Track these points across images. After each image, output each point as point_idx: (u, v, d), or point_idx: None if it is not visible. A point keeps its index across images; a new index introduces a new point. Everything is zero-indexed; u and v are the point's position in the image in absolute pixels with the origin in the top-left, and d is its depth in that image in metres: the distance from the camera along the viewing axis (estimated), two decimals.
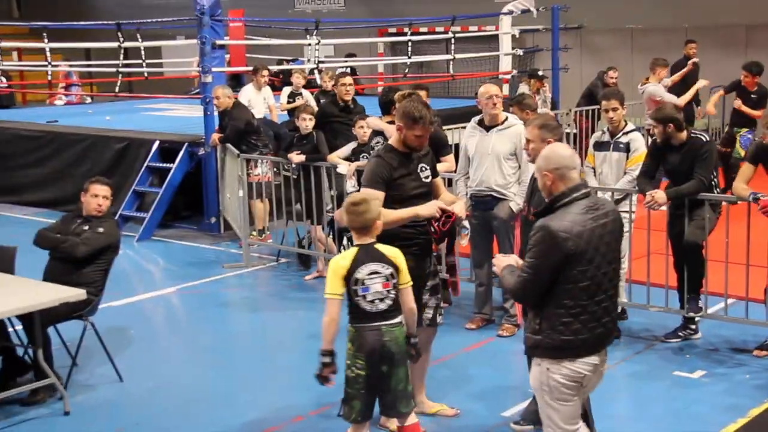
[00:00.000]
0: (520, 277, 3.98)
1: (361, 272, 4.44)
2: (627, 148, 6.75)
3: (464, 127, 7.35)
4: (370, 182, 5.07)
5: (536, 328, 4.01)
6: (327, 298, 4.44)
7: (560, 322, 3.92)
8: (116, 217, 9.73)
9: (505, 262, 4.16)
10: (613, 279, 4.01)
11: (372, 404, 4.58)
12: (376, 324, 4.48)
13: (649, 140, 7.59)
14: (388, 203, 5.02)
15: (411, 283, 4.58)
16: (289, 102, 11.85)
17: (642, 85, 11.63)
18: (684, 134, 6.49)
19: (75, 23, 16.27)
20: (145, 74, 14.04)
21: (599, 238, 3.92)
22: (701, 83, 12.13)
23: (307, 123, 8.74)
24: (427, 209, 5.03)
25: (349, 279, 4.43)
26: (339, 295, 4.43)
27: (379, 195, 4.98)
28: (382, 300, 4.47)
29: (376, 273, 4.46)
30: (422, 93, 8.16)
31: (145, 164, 11.11)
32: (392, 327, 4.51)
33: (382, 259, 4.49)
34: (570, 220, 3.87)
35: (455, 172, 7.22)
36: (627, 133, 6.81)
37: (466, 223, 6.21)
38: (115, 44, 12.95)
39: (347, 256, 4.49)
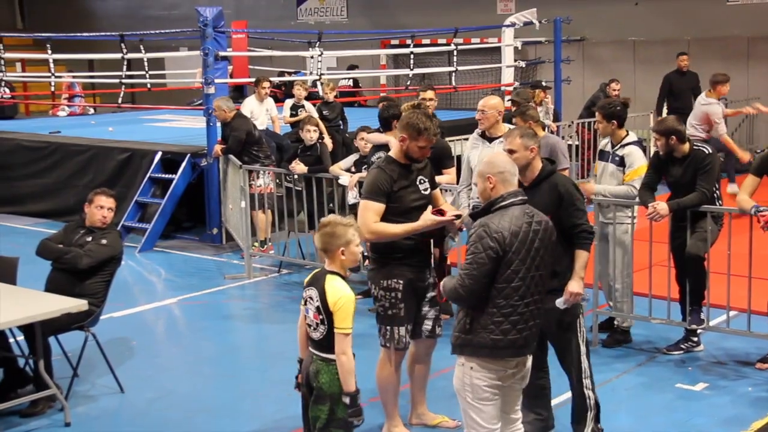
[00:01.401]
0: (460, 277, 4.12)
1: (306, 293, 4.37)
2: (623, 162, 6.73)
3: (466, 139, 7.35)
4: (370, 194, 5.07)
5: (467, 327, 4.14)
6: None
7: (491, 321, 4.08)
8: (118, 228, 9.77)
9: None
10: (540, 286, 4.17)
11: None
12: (311, 349, 4.37)
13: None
14: (388, 215, 5.04)
15: (346, 332, 4.20)
16: (291, 114, 11.87)
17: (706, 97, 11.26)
18: (686, 146, 6.49)
19: (78, 35, 16.30)
20: (148, 85, 14.08)
21: (531, 242, 4.12)
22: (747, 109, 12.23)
23: (311, 134, 8.75)
24: (422, 223, 5.03)
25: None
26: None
27: (379, 208, 5.00)
28: (314, 329, 4.31)
29: (311, 299, 4.33)
30: (430, 93, 8.22)
31: (148, 175, 11.12)
32: (321, 360, 4.30)
33: (322, 292, 4.27)
34: (507, 221, 4.09)
35: (457, 184, 7.23)
36: (624, 146, 6.77)
37: (457, 239, 6.20)
38: (118, 55, 12.99)
39: (311, 274, 4.42)
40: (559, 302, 4.93)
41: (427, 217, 5.02)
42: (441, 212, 5.07)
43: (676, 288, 6.68)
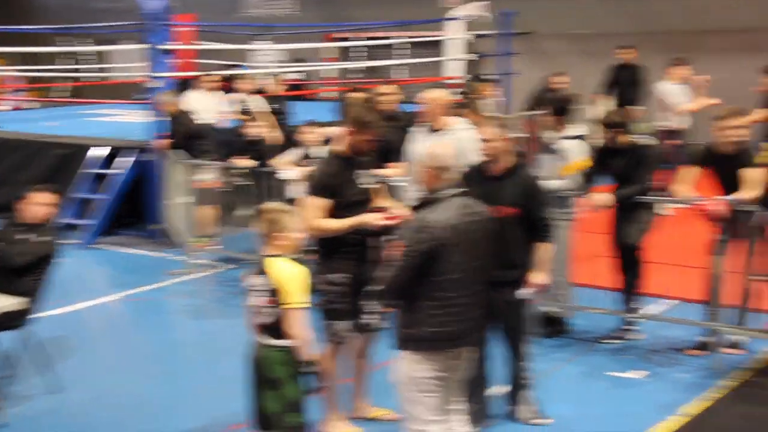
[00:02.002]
0: (394, 267, 4.12)
1: (249, 282, 4.41)
2: (562, 156, 6.79)
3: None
4: (314, 189, 5.07)
5: (406, 321, 4.16)
6: None
7: (429, 314, 4.09)
8: (58, 225, 9.60)
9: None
10: (478, 278, 4.19)
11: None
12: (260, 340, 4.42)
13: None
14: (333, 210, 5.03)
15: (299, 305, 4.25)
16: (237, 108, 11.75)
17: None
18: (628, 138, 6.58)
19: (21, 27, 16.00)
20: (92, 79, 13.87)
21: (470, 234, 4.13)
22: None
23: (256, 129, 8.69)
24: (364, 220, 5.04)
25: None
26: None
27: (323, 203, 4.99)
28: (265, 315, 4.34)
29: (256, 287, 4.35)
30: (391, 87, 8.19)
31: (89, 170, 10.96)
32: (263, 347, 4.36)
33: (270, 275, 4.30)
34: (445, 214, 4.08)
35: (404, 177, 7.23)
36: (564, 139, 6.83)
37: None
38: (62, 49, 12.77)
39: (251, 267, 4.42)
40: (522, 293, 5.14)
41: (372, 217, 5.04)
42: (382, 209, 5.10)
43: (615, 278, 6.76)
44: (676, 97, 10.68)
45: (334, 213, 5.03)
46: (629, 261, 6.55)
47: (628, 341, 6.78)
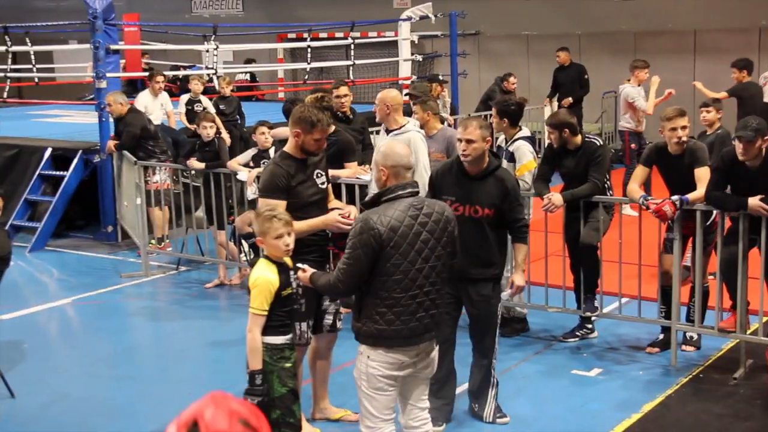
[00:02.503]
0: (339, 269, 4.15)
1: None
2: (512, 158, 6.85)
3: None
4: (268, 191, 5.02)
5: (357, 316, 4.20)
6: None
7: (375, 311, 4.11)
8: (6, 227, 9.41)
9: (310, 271, 4.39)
10: (431, 278, 4.14)
11: None
12: None
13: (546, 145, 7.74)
14: (288, 211, 4.99)
15: (255, 311, 4.33)
16: (187, 109, 11.64)
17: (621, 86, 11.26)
18: (579, 138, 6.66)
19: None
20: (36, 79, 13.60)
21: (416, 236, 4.08)
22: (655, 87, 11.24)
23: (208, 131, 8.61)
24: (323, 222, 5.05)
25: None
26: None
27: (280, 204, 4.95)
28: None
29: None
30: (344, 89, 8.17)
31: (37, 172, 10.76)
32: None
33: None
34: (388, 215, 4.07)
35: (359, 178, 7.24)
36: (515, 141, 6.89)
37: None
38: (2, 48, 12.49)
39: None
40: (506, 294, 5.39)
41: (331, 219, 5.03)
42: (339, 209, 5.13)
43: (570, 277, 6.85)
44: (639, 99, 10.84)
45: (291, 215, 4.99)
46: (586, 260, 6.63)
47: (585, 340, 6.87)
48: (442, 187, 5.27)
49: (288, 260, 4.50)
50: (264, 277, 4.35)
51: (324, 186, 5.25)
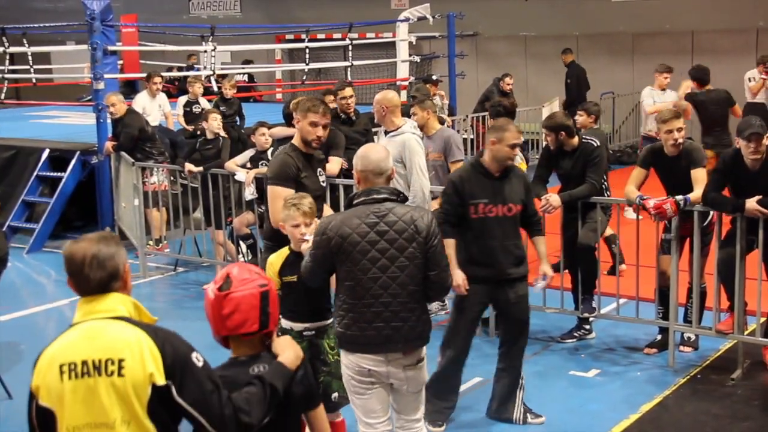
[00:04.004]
0: (303, 263, 4.21)
1: None
2: None
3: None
4: (278, 179, 5.09)
5: (335, 315, 4.26)
6: None
7: (338, 313, 4.15)
8: (4, 229, 9.41)
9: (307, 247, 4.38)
10: (390, 288, 4.00)
11: None
12: None
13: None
14: None
15: None
16: (186, 110, 11.63)
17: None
18: (575, 140, 6.67)
19: None
20: (33, 80, 13.59)
21: (370, 244, 3.97)
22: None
23: (218, 122, 8.62)
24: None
25: None
26: None
27: (289, 193, 4.93)
28: None
29: None
30: (348, 90, 8.18)
31: (35, 173, 10.76)
32: None
33: None
34: (342, 221, 4.03)
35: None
36: None
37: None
38: None
39: None
40: (540, 286, 5.48)
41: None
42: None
43: (568, 278, 6.85)
44: (646, 100, 10.80)
45: None
46: (584, 261, 6.63)
47: (583, 341, 6.87)
48: (470, 192, 5.18)
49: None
50: (270, 259, 4.63)
51: (324, 185, 5.39)
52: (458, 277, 5.06)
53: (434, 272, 4.07)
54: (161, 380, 2.62)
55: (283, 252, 4.62)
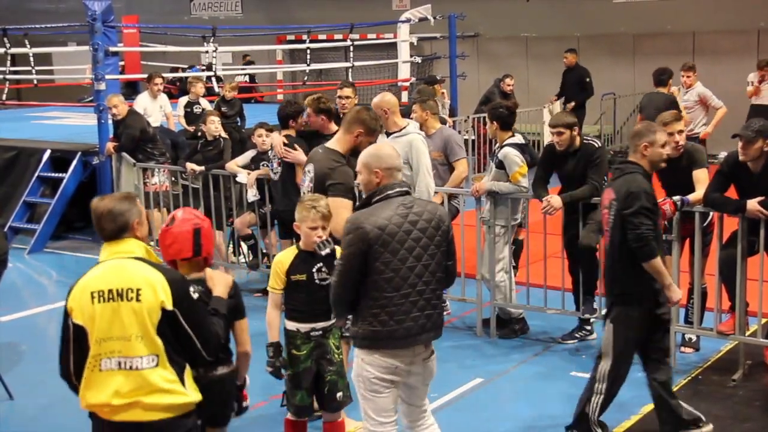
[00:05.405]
0: (334, 272, 4.15)
1: None
2: (501, 164, 6.85)
3: None
4: (345, 192, 5.08)
5: (353, 320, 4.19)
6: None
7: (369, 313, 4.09)
8: (5, 229, 9.41)
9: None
10: (424, 276, 4.11)
11: None
12: None
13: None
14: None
15: (269, 288, 4.71)
16: (186, 111, 11.63)
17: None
18: (578, 141, 6.67)
19: None
20: (35, 81, 13.61)
21: (406, 233, 4.06)
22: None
23: (216, 125, 8.60)
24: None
25: None
26: None
27: (351, 205, 5.01)
28: None
29: None
30: (347, 90, 8.18)
31: (36, 174, 10.76)
32: None
33: None
34: (377, 214, 4.07)
35: None
36: (503, 147, 6.88)
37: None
38: (1, 50, 12.50)
39: None
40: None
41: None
42: None
43: (569, 279, 6.85)
44: (687, 105, 10.73)
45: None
46: (585, 262, 6.63)
47: (584, 341, 6.87)
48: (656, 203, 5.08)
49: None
50: (278, 258, 4.68)
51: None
52: (679, 292, 5.01)
53: (451, 262, 4.23)
54: (170, 306, 3.45)
55: (293, 250, 4.62)
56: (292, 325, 4.65)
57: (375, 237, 4.00)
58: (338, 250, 4.41)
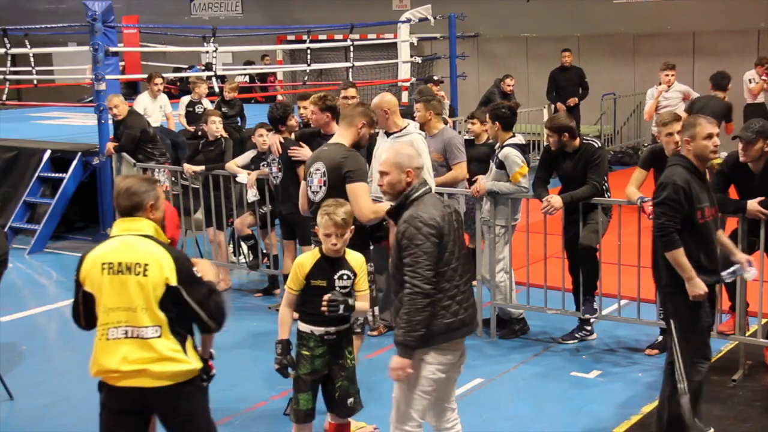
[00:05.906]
0: (411, 273, 4.06)
1: None
2: (502, 164, 6.85)
3: None
4: (363, 176, 5.28)
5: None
6: None
7: (441, 306, 4.14)
8: (5, 229, 9.41)
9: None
10: (465, 265, 4.30)
11: None
12: None
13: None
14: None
15: (287, 288, 4.69)
16: (188, 111, 11.62)
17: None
18: (577, 141, 6.67)
19: None
20: (35, 81, 13.61)
21: (451, 224, 4.22)
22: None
23: (217, 125, 8.58)
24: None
25: None
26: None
27: (368, 188, 5.33)
28: None
29: None
30: (352, 90, 8.18)
31: (36, 174, 10.76)
32: None
33: None
34: (433, 207, 4.19)
35: None
36: (503, 147, 6.88)
37: None
38: (1, 50, 12.50)
39: None
40: (751, 275, 5.30)
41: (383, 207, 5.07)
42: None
43: (569, 279, 6.85)
44: (648, 101, 10.84)
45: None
46: (585, 262, 6.63)
47: (584, 341, 6.87)
48: (697, 196, 4.89)
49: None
50: (299, 260, 4.68)
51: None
52: (702, 287, 4.82)
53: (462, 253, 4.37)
54: (174, 282, 3.70)
55: (315, 254, 4.63)
56: (306, 327, 4.63)
57: (442, 228, 4.14)
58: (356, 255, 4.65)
